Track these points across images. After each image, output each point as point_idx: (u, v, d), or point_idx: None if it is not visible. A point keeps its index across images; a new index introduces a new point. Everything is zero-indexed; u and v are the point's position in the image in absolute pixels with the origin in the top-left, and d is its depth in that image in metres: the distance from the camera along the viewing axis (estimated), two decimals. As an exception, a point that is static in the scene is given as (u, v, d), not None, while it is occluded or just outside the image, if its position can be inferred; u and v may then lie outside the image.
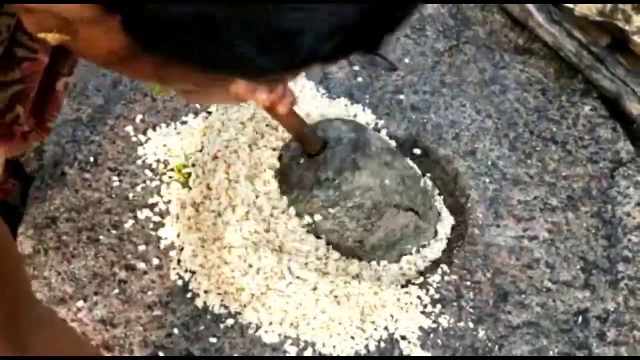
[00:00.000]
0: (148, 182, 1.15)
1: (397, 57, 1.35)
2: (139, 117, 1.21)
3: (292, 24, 0.41)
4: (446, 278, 1.12)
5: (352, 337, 1.05)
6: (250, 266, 1.06)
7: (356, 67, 1.33)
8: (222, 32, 0.42)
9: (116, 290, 1.06)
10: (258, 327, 1.05)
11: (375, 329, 1.06)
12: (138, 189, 1.15)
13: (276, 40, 0.42)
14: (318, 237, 1.10)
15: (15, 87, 0.54)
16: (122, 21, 0.44)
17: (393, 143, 1.22)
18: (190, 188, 1.14)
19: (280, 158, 1.14)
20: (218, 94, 0.55)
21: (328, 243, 1.10)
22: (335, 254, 1.11)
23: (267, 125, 1.19)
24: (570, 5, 1.40)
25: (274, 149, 1.16)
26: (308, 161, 1.09)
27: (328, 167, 1.07)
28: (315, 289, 1.06)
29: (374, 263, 1.12)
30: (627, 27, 1.36)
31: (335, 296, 1.06)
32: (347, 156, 1.07)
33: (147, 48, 0.45)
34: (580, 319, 1.10)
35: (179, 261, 1.09)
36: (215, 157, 1.14)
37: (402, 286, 1.11)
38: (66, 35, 0.46)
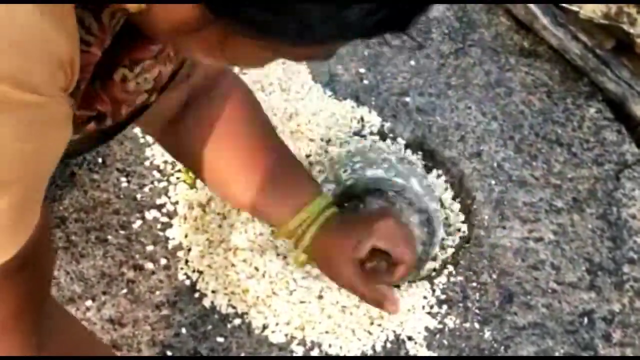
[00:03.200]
0: (156, 183, 1.16)
1: (402, 60, 1.36)
2: (147, 118, 1.22)
3: None
4: (452, 279, 1.12)
5: (359, 339, 1.06)
6: (257, 269, 1.07)
7: (362, 70, 1.34)
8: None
9: (124, 290, 1.07)
10: (265, 327, 1.05)
11: (382, 330, 1.06)
12: (146, 189, 1.16)
13: (336, 9, 0.47)
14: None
15: None
16: None
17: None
18: (197, 189, 1.15)
19: None
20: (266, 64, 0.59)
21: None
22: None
23: (275, 127, 1.20)
24: (575, 9, 1.40)
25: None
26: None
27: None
28: (320, 297, 1.06)
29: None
30: (632, 30, 1.37)
31: (343, 306, 1.06)
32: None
33: (220, 15, 0.49)
34: (585, 320, 1.11)
35: (186, 261, 1.10)
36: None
37: (409, 287, 1.11)
38: (142, 5, 0.51)
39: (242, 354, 1.04)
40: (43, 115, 0.50)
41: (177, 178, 1.17)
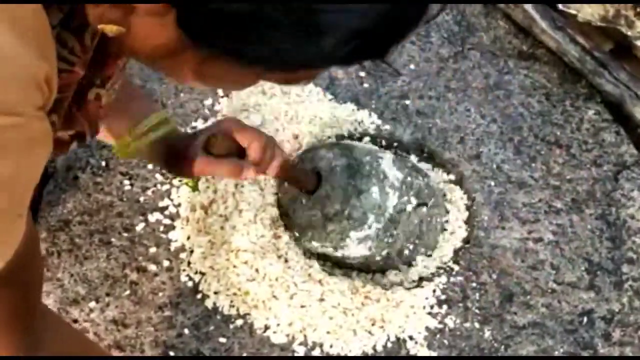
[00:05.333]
0: (158, 186, 1.18)
1: (402, 63, 1.37)
2: (150, 122, 1.23)
3: (323, 23, 0.48)
4: (452, 279, 1.13)
5: (360, 339, 1.06)
6: (257, 272, 1.08)
7: (362, 74, 1.35)
8: (265, 26, 0.48)
9: (127, 292, 1.08)
10: (267, 328, 1.06)
11: (383, 330, 1.07)
12: (149, 192, 1.17)
13: (308, 38, 0.48)
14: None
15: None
16: (177, 16, 0.50)
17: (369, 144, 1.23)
18: (199, 191, 1.16)
19: (279, 202, 1.14)
20: (247, 86, 0.61)
21: (357, 269, 1.13)
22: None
23: (276, 130, 1.22)
24: (574, 12, 1.42)
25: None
26: (310, 199, 1.08)
27: (333, 201, 1.07)
28: (322, 299, 1.07)
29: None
30: (629, 33, 1.38)
31: (345, 308, 1.07)
32: (347, 184, 1.07)
33: (196, 42, 0.51)
34: (585, 319, 1.12)
35: (189, 263, 1.11)
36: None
37: (409, 288, 1.12)
38: (122, 28, 0.52)
39: (244, 355, 1.05)
40: (20, 135, 0.50)
41: (180, 181, 1.18)
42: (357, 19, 0.48)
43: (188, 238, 1.12)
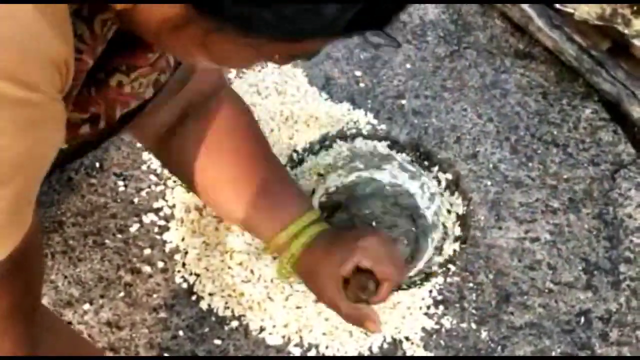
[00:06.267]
0: (153, 187, 1.17)
1: (398, 62, 1.37)
2: (144, 123, 1.23)
3: None
4: (449, 280, 1.13)
5: (356, 340, 1.06)
6: (252, 273, 1.07)
7: (358, 73, 1.35)
8: None
9: (122, 293, 1.08)
10: (262, 330, 1.06)
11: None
12: (143, 193, 1.16)
13: (311, 3, 0.49)
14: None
15: None
16: None
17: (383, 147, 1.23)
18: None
19: None
20: (252, 61, 0.61)
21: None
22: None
23: (271, 130, 1.21)
24: (571, 10, 1.41)
25: (279, 156, 1.18)
26: None
27: None
28: (317, 300, 1.06)
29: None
30: (626, 31, 1.38)
31: None
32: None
33: (200, 10, 0.51)
34: (582, 319, 1.11)
35: (183, 264, 1.10)
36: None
37: (405, 288, 1.12)
38: (129, 4, 0.53)
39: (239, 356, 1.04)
40: (38, 114, 0.50)
41: (174, 182, 1.17)
42: None
43: (183, 239, 1.12)
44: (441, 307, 1.10)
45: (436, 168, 1.25)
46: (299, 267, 0.94)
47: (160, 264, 1.10)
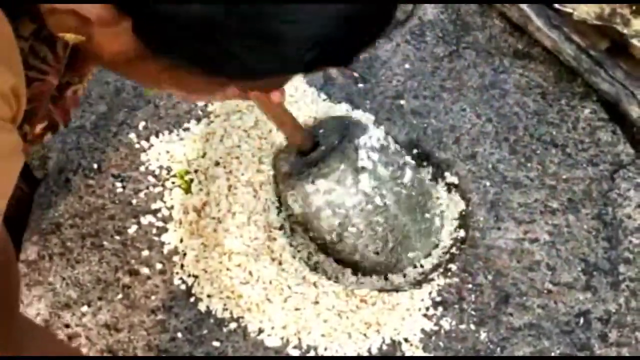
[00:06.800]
0: (151, 188, 1.17)
1: (397, 63, 1.36)
2: (142, 124, 1.22)
3: (278, 32, 0.46)
4: (447, 281, 1.13)
5: (355, 342, 1.06)
6: (251, 274, 1.07)
7: (357, 74, 1.34)
8: (220, 33, 0.46)
9: (120, 295, 1.07)
10: (261, 331, 1.06)
11: (378, 333, 1.06)
12: (141, 195, 1.16)
13: (265, 46, 0.47)
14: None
15: (25, 106, 0.56)
16: (133, 24, 0.49)
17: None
18: (192, 194, 1.15)
19: (274, 166, 1.15)
20: (214, 94, 0.60)
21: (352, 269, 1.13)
22: (336, 266, 1.12)
23: (269, 131, 1.21)
24: (569, 10, 1.41)
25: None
26: (302, 159, 1.10)
27: (325, 161, 1.07)
28: (316, 302, 1.06)
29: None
30: (625, 31, 1.37)
31: (339, 311, 1.06)
32: (339, 147, 1.08)
33: (153, 50, 0.50)
34: (581, 320, 1.11)
35: (182, 266, 1.10)
36: (217, 164, 1.16)
37: (405, 290, 1.12)
38: (82, 36, 0.52)
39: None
40: None
41: (172, 183, 1.17)
42: (315, 26, 0.47)
43: (181, 241, 1.11)
44: (440, 309, 1.10)
45: (435, 169, 1.25)
46: None
47: (159, 266, 1.10)
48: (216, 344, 1.05)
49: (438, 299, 1.10)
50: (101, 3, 0.48)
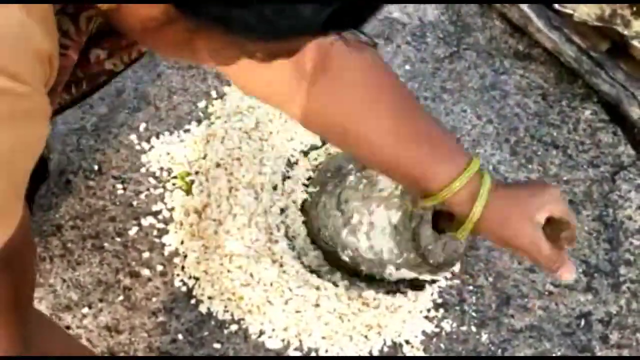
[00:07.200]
0: (152, 190, 1.16)
1: (398, 64, 1.36)
2: (143, 125, 1.22)
3: None
4: (449, 282, 1.12)
5: (356, 344, 1.06)
6: (252, 276, 1.07)
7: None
8: None
9: (121, 297, 1.07)
10: (262, 333, 1.06)
11: (379, 335, 1.06)
12: (142, 196, 1.16)
13: (287, 3, 0.50)
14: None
15: None
16: None
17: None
18: (193, 195, 1.15)
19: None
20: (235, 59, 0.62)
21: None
22: (337, 272, 1.13)
23: (270, 132, 1.21)
24: (570, 11, 1.41)
25: (277, 158, 1.18)
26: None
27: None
28: (317, 305, 1.06)
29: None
30: (626, 32, 1.37)
31: (340, 313, 1.06)
32: None
33: (181, 10, 0.52)
34: (582, 322, 1.11)
35: (182, 268, 1.10)
36: (218, 165, 1.15)
37: (405, 292, 1.11)
38: (114, 4, 0.55)
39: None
40: (24, 105, 0.52)
41: (173, 184, 1.17)
42: None
43: (182, 242, 1.11)
44: (441, 310, 1.10)
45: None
46: (483, 219, 0.88)
47: (159, 268, 1.10)
48: (217, 345, 1.05)
49: (439, 300, 1.10)
50: None
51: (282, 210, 1.15)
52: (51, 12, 0.54)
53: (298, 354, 1.04)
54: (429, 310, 1.09)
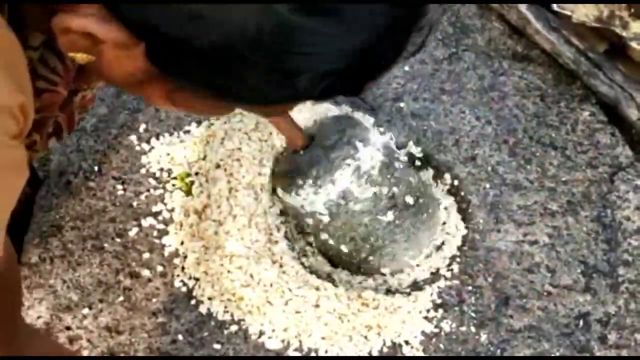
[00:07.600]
0: (152, 191, 1.17)
1: (396, 65, 1.37)
2: (143, 126, 1.23)
3: (294, 66, 0.48)
4: (448, 283, 1.13)
5: (355, 345, 1.06)
6: (252, 277, 1.07)
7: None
8: (236, 65, 0.47)
9: (121, 298, 1.07)
10: (262, 334, 1.06)
11: (379, 336, 1.07)
12: (142, 197, 1.16)
13: (279, 78, 0.48)
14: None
15: (34, 116, 0.57)
16: (146, 48, 0.50)
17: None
18: (193, 196, 1.15)
19: (273, 169, 1.15)
20: (221, 113, 0.63)
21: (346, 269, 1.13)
22: (337, 271, 1.13)
23: (270, 133, 1.21)
24: (568, 13, 1.41)
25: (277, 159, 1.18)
26: (298, 158, 1.10)
27: (321, 161, 1.07)
28: (317, 306, 1.06)
29: (377, 275, 1.14)
30: (624, 34, 1.38)
31: (340, 314, 1.07)
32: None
33: (166, 74, 0.51)
34: (581, 322, 1.11)
35: (182, 268, 1.10)
36: (218, 166, 1.16)
37: (405, 293, 1.12)
38: (92, 56, 0.52)
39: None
40: None
41: (173, 185, 1.17)
42: (329, 61, 0.49)
43: (182, 243, 1.12)
44: (440, 311, 1.10)
45: (434, 171, 1.25)
46: None
47: (160, 268, 1.10)
48: (217, 346, 1.05)
49: (438, 301, 1.11)
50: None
51: (282, 211, 1.15)
52: (20, 60, 0.51)
53: (298, 354, 1.05)
54: (428, 311, 1.10)
